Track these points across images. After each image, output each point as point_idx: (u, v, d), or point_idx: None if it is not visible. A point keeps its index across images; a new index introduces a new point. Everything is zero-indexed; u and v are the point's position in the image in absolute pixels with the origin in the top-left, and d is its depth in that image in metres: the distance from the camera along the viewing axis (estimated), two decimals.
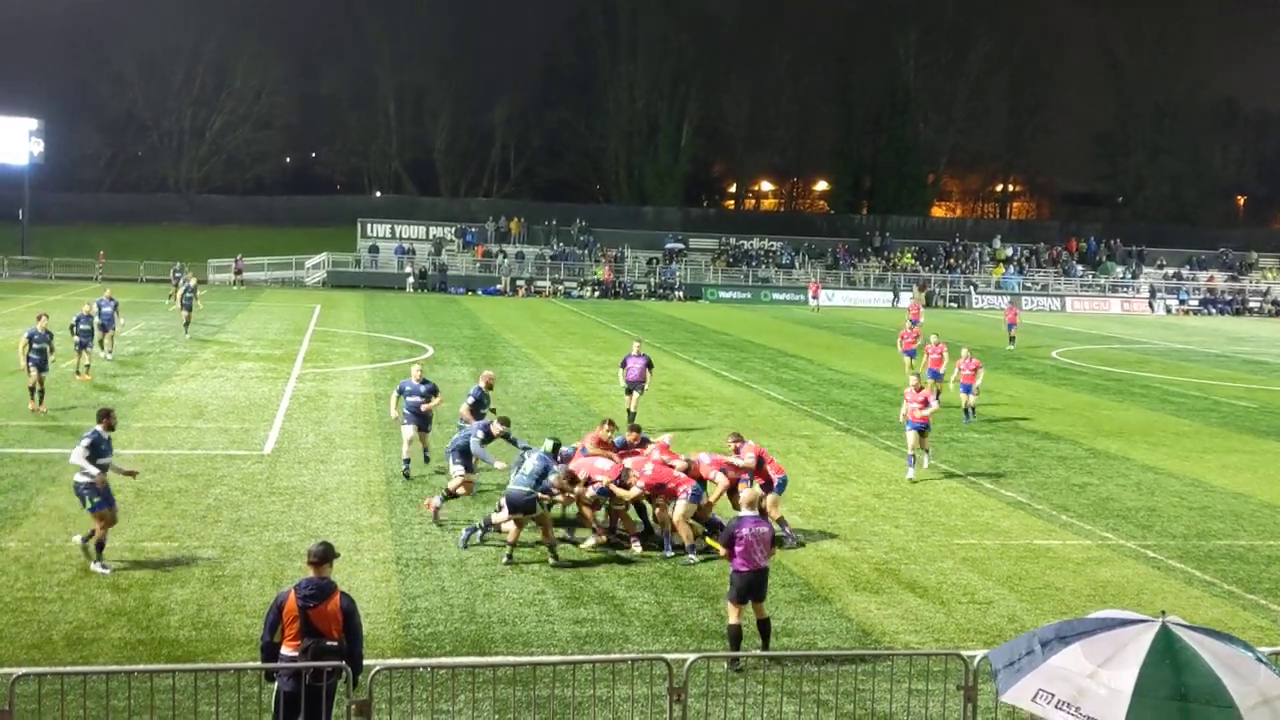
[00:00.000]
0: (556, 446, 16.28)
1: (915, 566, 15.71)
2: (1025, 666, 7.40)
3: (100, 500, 14.19)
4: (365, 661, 11.04)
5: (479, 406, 19.19)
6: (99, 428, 14.53)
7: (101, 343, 32.08)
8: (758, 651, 11.95)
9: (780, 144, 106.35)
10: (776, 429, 25.76)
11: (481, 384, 19.98)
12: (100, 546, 14.15)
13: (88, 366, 28.96)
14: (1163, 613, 7.54)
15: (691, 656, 10.69)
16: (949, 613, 13.92)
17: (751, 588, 12.02)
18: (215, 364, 32.79)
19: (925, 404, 21.24)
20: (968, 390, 26.96)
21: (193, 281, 43.84)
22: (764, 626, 12.14)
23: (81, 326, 28.71)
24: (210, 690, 10.49)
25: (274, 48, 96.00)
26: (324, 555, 9.48)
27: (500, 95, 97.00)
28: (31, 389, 24.05)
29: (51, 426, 22.71)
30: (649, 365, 25.20)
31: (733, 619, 11.98)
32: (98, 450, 14.29)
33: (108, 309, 32.73)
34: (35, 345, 24.01)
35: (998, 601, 14.40)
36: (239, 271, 67.11)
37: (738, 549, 11.98)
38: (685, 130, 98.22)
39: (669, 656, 10.97)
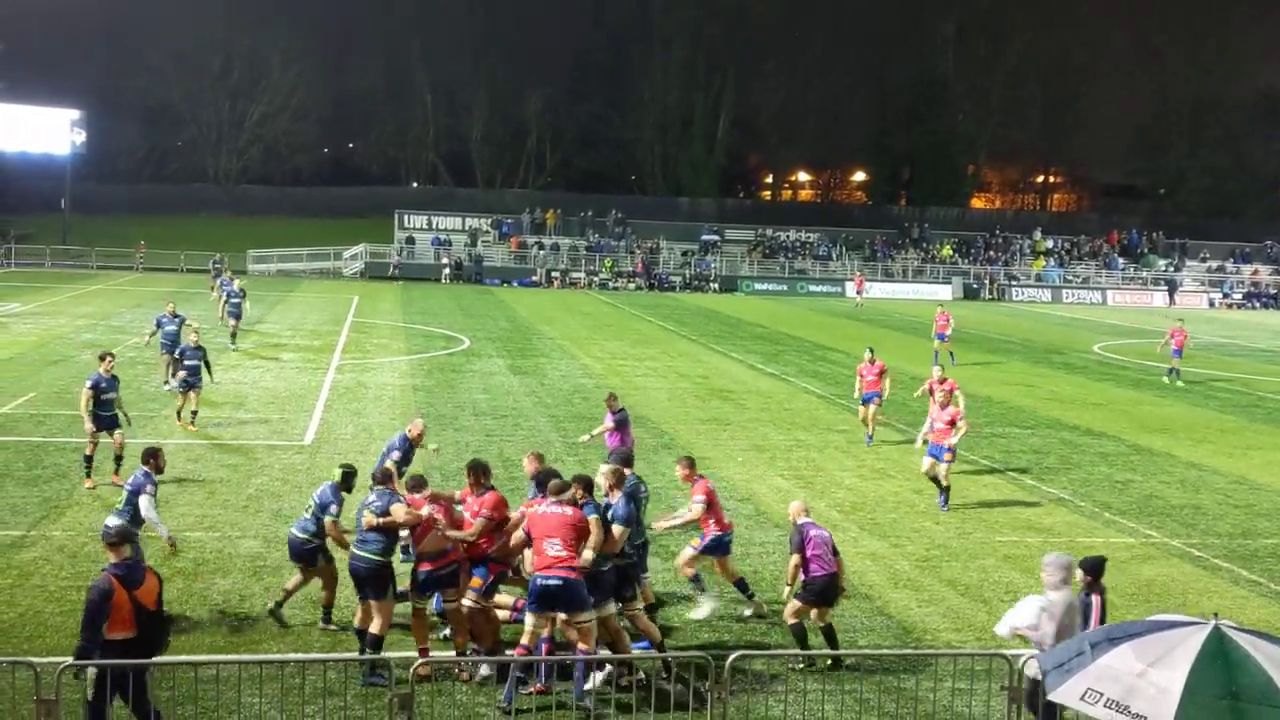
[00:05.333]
0: (346, 476, 12.23)
1: (956, 564, 15.58)
2: (1075, 667, 7.35)
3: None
4: (406, 653, 11.13)
5: (405, 465, 14.08)
6: (148, 468, 12.40)
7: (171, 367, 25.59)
8: (805, 651, 11.87)
9: (816, 134, 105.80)
10: (814, 423, 25.63)
11: (409, 433, 14.65)
12: None
13: (194, 413, 22.19)
14: (1215, 615, 7.44)
15: (733, 654, 10.63)
16: (991, 611, 13.77)
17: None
18: (255, 355, 32.99)
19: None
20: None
21: (236, 284, 36.00)
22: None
23: (188, 361, 22.12)
24: (253, 681, 10.54)
25: (310, 39, 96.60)
26: (124, 536, 9.51)
27: (534, 87, 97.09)
28: (89, 458, 17.64)
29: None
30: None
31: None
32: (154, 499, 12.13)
33: (171, 327, 26.28)
34: (103, 397, 17.79)
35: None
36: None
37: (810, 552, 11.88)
38: (721, 121, 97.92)
39: (710, 653, 10.94)
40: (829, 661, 11.71)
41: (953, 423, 18.07)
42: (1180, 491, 20.35)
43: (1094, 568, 10.27)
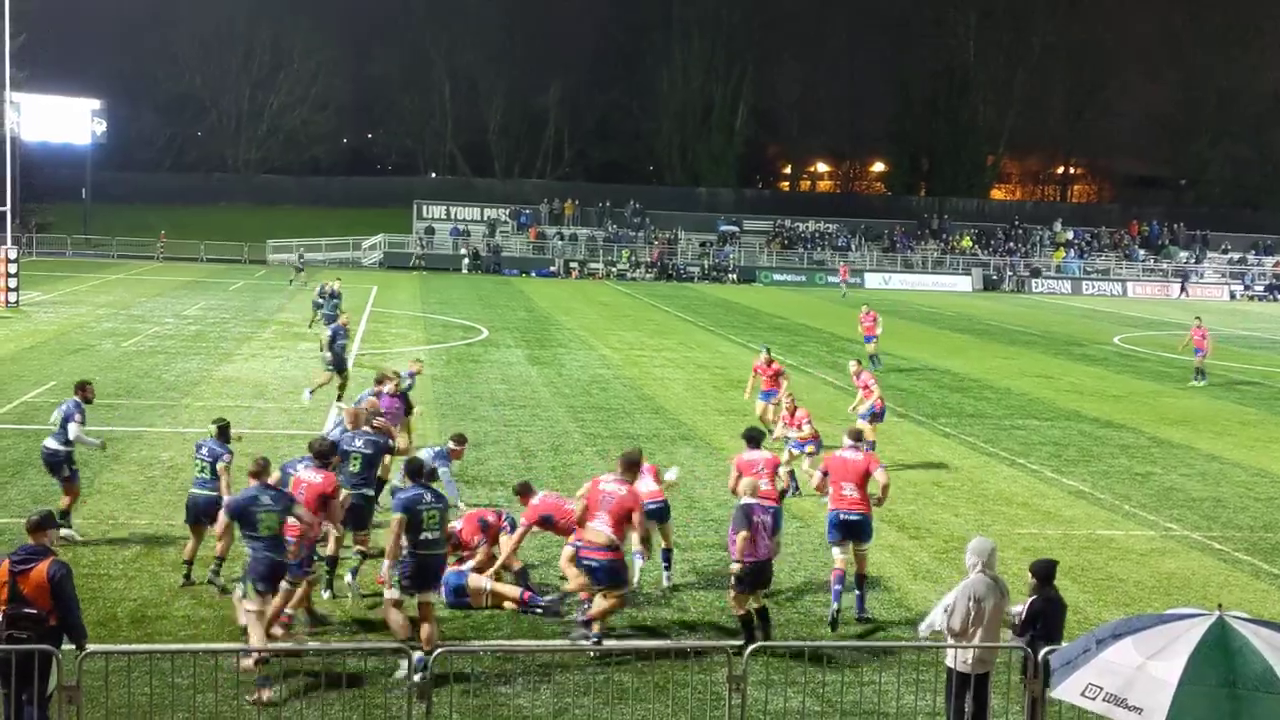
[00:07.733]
0: (223, 429, 13.45)
1: None
2: (1079, 663, 7.39)
3: (75, 470, 14.95)
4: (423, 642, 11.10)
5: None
6: (78, 398, 14.89)
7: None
8: (824, 642, 11.85)
9: (835, 125, 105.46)
10: (832, 414, 25.49)
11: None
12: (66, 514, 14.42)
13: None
14: (1219, 605, 7.43)
15: (752, 645, 10.63)
16: (1011, 603, 13.70)
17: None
18: (275, 343, 33.11)
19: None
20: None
21: (334, 285, 34.11)
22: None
23: (410, 382, 19.90)
24: (274, 669, 10.56)
25: (330, 29, 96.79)
26: (40, 523, 9.16)
27: (553, 76, 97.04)
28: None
29: (113, 404, 23.03)
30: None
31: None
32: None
33: (342, 342, 24.81)
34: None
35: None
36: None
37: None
38: (740, 111, 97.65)
39: (728, 644, 10.94)
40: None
41: (799, 424, 18.41)
42: (1201, 484, 20.23)
43: (1042, 572, 10.12)
